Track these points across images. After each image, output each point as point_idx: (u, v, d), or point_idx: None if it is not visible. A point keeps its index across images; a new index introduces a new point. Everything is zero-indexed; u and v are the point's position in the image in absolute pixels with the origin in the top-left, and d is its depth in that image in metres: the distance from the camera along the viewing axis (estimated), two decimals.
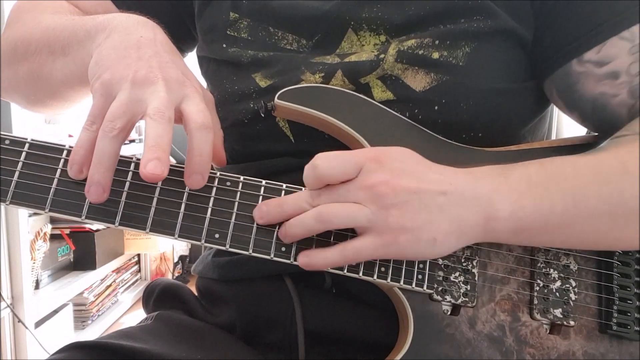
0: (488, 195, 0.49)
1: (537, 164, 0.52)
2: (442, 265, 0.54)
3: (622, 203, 0.50)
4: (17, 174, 0.48)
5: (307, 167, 0.50)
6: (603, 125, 0.59)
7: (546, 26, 0.59)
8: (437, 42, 0.58)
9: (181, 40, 0.74)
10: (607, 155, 0.52)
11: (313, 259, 0.50)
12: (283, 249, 0.51)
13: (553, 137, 1.12)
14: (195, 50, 0.76)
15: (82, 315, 2.31)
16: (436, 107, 0.57)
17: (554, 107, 0.66)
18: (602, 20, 0.56)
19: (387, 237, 0.47)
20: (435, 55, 0.57)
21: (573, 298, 0.55)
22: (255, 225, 0.51)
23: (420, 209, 0.47)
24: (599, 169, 0.51)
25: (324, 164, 0.48)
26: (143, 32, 0.52)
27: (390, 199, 0.47)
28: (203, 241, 0.50)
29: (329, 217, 0.48)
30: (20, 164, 0.49)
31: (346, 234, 0.51)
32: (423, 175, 0.49)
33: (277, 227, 0.51)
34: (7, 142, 0.49)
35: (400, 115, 0.57)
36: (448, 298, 0.53)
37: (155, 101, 0.46)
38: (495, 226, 0.49)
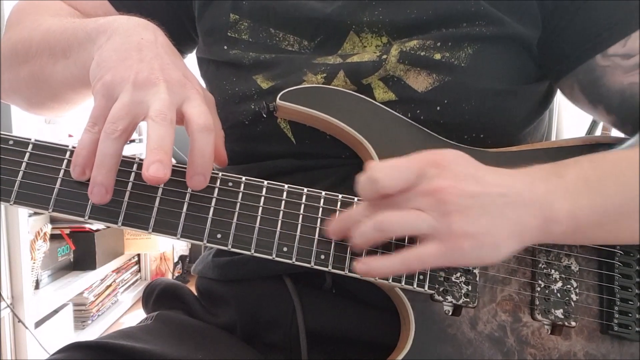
0: (545, 197, 0.48)
1: (589, 161, 0.51)
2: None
3: None
4: (20, 174, 0.49)
5: (363, 181, 0.48)
6: (631, 116, 0.59)
7: (562, 25, 0.59)
8: (439, 44, 0.58)
9: (181, 41, 0.74)
10: None
11: (372, 268, 0.49)
12: (285, 249, 0.51)
13: (553, 137, 1.12)
14: (194, 51, 0.76)
15: (82, 315, 2.31)
16: (438, 108, 0.57)
17: (554, 107, 0.66)
18: (624, 14, 0.56)
19: (451, 243, 0.46)
20: (437, 56, 0.58)
21: (574, 299, 0.55)
22: (257, 225, 0.51)
23: (481, 213, 0.46)
24: None
25: (385, 177, 0.47)
26: (144, 34, 0.52)
27: (453, 205, 0.46)
28: (205, 241, 0.50)
29: (389, 226, 0.46)
30: (23, 164, 0.49)
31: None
32: (482, 178, 0.48)
33: (278, 228, 0.51)
34: (10, 142, 0.50)
35: (402, 116, 0.58)
36: (449, 298, 0.53)
37: (157, 103, 0.46)
38: (553, 227, 0.48)
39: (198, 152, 0.47)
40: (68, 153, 0.50)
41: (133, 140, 2.57)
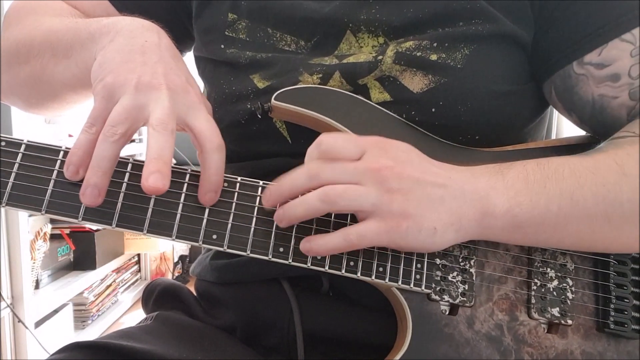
0: (485, 191, 0.49)
1: (535, 163, 0.52)
2: (440, 265, 0.54)
3: (619, 205, 0.50)
4: (13, 175, 0.48)
5: (310, 147, 0.50)
6: (601, 128, 0.59)
7: (546, 28, 0.59)
8: (435, 44, 0.58)
9: (179, 40, 0.74)
10: (605, 156, 0.52)
11: (315, 244, 0.49)
12: (281, 249, 0.51)
13: (553, 136, 1.12)
14: (192, 50, 0.76)
15: (82, 315, 2.31)
16: (433, 109, 0.57)
17: (554, 109, 0.66)
18: (603, 23, 0.56)
19: (390, 222, 0.47)
20: (434, 57, 0.57)
21: (570, 297, 0.55)
22: (253, 225, 0.51)
23: (422, 198, 0.47)
24: (596, 170, 0.51)
25: (328, 140, 0.48)
26: (148, 36, 0.52)
27: (395, 184, 0.47)
28: (201, 242, 0.50)
29: (335, 197, 0.47)
30: (16, 166, 0.49)
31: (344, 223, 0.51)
32: (424, 166, 0.49)
33: (274, 228, 0.51)
34: (3, 143, 0.49)
35: (397, 116, 0.58)
36: (446, 298, 0.54)
37: (158, 111, 0.46)
38: (491, 222, 0.49)
39: (214, 170, 0.49)
40: (61, 154, 0.50)
41: (133, 140, 2.57)
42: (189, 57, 0.77)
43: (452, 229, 0.49)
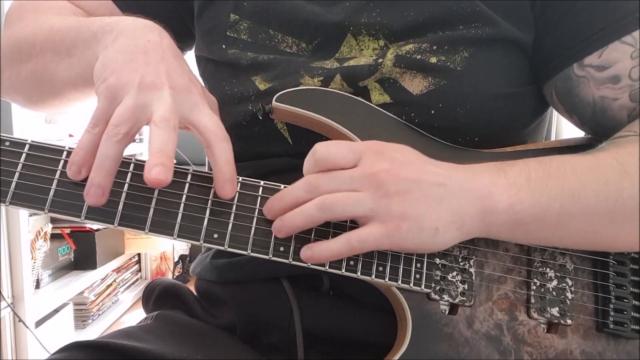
0: (487, 188, 0.49)
1: (536, 162, 0.52)
2: (440, 265, 0.54)
3: (620, 203, 0.50)
4: (17, 175, 0.49)
5: (307, 157, 0.50)
6: (602, 129, 0.59)
7: (547, 30, 0.59)
8: (434, 47, 0.58)
9: (181, 39, 0.74)
10: (607, 155, 0.53)
11: (317, 252, 0.49)
12: (281, 248, 0.51)
13: (552, 137, 1.12)
14: (193, 49, 0.77)
15: (82, 314, 2.31)
16: (433, 111, 0.57)
17: (554, 110, 0.67)
18: (603, 25, 0.56)
19: (390, 225, 0.47)
20: (433, 59, 0.58)
21: (570, 297, 0.55)
22: (254, 225, 0.51)
23: (421, 198, 0.47)
24: (597, 168, 0.51)
25: (322, 149, 0.49)
26: (150, 36, 0.52)
27: (393, 186, 0.47)
28: (202, 241, 0.50)
29: (332, 206, 0.47)
30: (20, 165, 0.49)
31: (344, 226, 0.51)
32: (422, 166, 0.49)
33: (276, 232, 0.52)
34: (7, 143, 0.49)
35: (397, 118, 0.58)
36: (446, 297, 0.54)
37: (161, 108, 0.46)
38: (493, 219, 0.49)
39: (224, 160, 0.49)
40: (65, 154, 0.50)
41: (133, 140, 2.57)
42: (190, 56, 0.78)
43: (454, 227, 0.49)
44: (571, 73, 0.58)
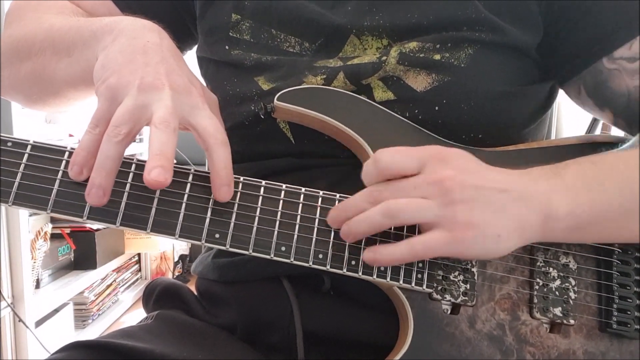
0: (546, 195, 0.49)
1: (589, 161, 0.52)
2: (442, 264, 0.54)
3: None
4: (19, 175, 0.49)
5: (367, 163, 0.50)
6: (637, 118, 0.59)
7: (567, 29, 0.60)
8: (438, 45, 0.58)
9: (181, 40, 0.74)
10: None
11: (379, 255, 0.49)
12: (283, 248, 0.51)
13: (553, 136, 1.12)
14: (195, 50, 0.76)
15: (82, 314, 2.31)
16: (437, 108, 0.57)
17: (553, 106, 0.67)
18: (630, 17, 0.57)
19: (455, 232, 0.47)
20: (437, 57, 0.58)
21: (573, 297, 0.55)
22: (255, 225, 0.51)
23: (485, 206, 0.47)
24: None
25: (386, 157, 0.48)
26: (150, 36, 0.52)
27: (458, 194, 0.47)
28: (203, 241, 0.50)
29: (397, 212, 0.47)
30: (22, 166, 0.49)
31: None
32: (485, 174, 0.49)
33: (276, 228, 0.52)
34: (9, 144, 0.49)
35: (400, 116, 0.58)
36: (448, 297, 0.54)
37: (161, 110, 0.46)
38: (554, 225, 0.49)
39: (222, 164, 0.49)
40: (66, 154, 0.50)
41: (134, 140, 2.57)
42: (190, 57, 0.77)
43: (516, 234, 0.48)
44: (601, 67, 0.59)
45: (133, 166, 0.50)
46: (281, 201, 0.53)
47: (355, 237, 0.50)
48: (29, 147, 0.50)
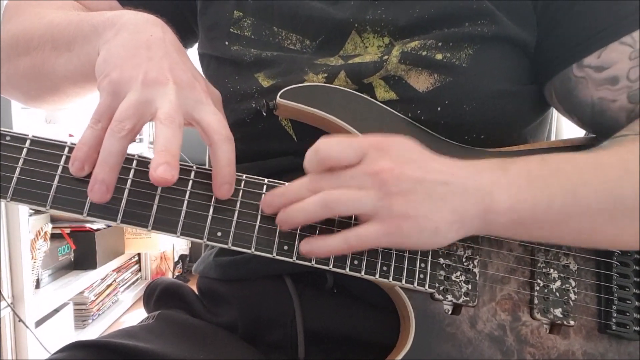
0: (488, 188, 0.49)
1: (538, 159, 0.52)
2: (444, 265, 0.54)
3: (621, 201, 0.49)
4: (18, 170, 0.48)
5: (308, 152, 0.49)
6: (602, 130, 0.59)
7: (547, 31, 0.59)
8: (440, 44, 0.58)
9: (182, 36, 0.74)
10: (608, 153, 0.52)
11: (315, 246, 0.49)
12: (285, 247, 0.51)
13: (552, 137, 1.12)
14: (196, 47, 0.76)
15: (82, 314, 2.32)
16: (439, 108, 0.57)
17: (554, 109, 0.67)
18: (603, 25, 0.56)
19: (391, 224, 0.47)
20: (439, 56, 0.58)
21: (573, 298, 0.55)
22: (257, 223, 0.51)
23: (423, 197, 0.47)
24: (599, 166, 0.51)
25: (326, 146, 0.48)
26: (153, 31, 0.52)
27: (395, 187, 0.46)
28: (205, 239, 0.50)
29: (333, 203, 0.47)
30: (21, 161, 0.48)
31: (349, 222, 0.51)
32: (426, 164, 0.49)
33: (278, 226, 0.51)
34: (8, 138, 0.49)
35: (402, 115, 0.58)
36: (449, 297, 0.54)
37: (166, 105, 0.46)
38: (494, 218, 0.49)
39: (225, 161, 0.48)
40: (66, 149, 0.49)
41: (133, 140, 2.57)
42: (192, 54, 0.77)
43: (455, 227, 0.48)
44: (570, 74, 0.58)
45: (134, 162, 0.50)
46: None
47: (291, 225, 0.50)
48: (28, 141, 0.49)
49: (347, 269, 0.52)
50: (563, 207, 0.49)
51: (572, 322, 0.55)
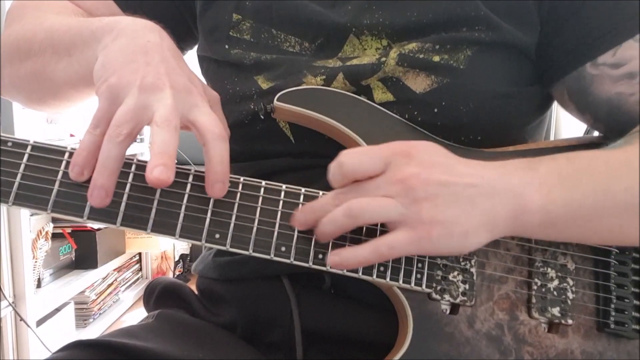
0: (519, 189, 0.48)
1: (565, 158, 0.51)
2: (441, 265, 0.54)
3: None
4: (19, 175, 0.49)
5: (332, 165, 0.49)
6: (617, 125, 0.59)
7: (556, 30, 0.59)
8: (437, 46, 0.58)
9: (182, 39, 0.74)
10: (634, 149, 0.52)
11: (344, 258, 0.49)
12: (283, 248, 0.52)
13: (551, 137, 1.12)
14: (195, 49, 0.77)
15: (83, 313, 2.32)
16: (436, 110, 0.57)
17: (552, 109, 0.67)
18: (616, 24, 0.56)
19: (420, 231, 0.46)
20: (436, 58, 0.58)
21: (571, 297, 0.55)
22: (255, 225, 0.51)
23: (451, 201, 0.46)
24: (627, 162, 0.50)
25: (350, 160, 0.48)
26: (150, 36, 0.52)
27: (422, 192, 0.46)
28: (203, 241, 0.50)
29: (359, 212, 0.47)
30: (22, 166, 0.49)
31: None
32: (452, 167, 0.48)
33: (276, 228, 0.52)
34: (9, 144, 0.49)
35: (399, 117, 0.58)
36: (447, 297, 0.54)
37: (162, 109, 0.46)
38: (525, 219, 0.48)
39: (217, 160, 0.48)
40: (67, 154, 0.50)
41: (134, 140, 2.57)
42: (190, 56, 0.78)
43: (485, 230, 0.48)
44: (585, 72, 0.58)
45: (133, 166, 0.50)
46: (281, 201, 0.53)
47: (326, 238, 0.50)
48: (29, 147, 0.50)
49: (345, 270, 0.52)
50: (595, 205, 0.49)
51: (570, 321, 0.55)
